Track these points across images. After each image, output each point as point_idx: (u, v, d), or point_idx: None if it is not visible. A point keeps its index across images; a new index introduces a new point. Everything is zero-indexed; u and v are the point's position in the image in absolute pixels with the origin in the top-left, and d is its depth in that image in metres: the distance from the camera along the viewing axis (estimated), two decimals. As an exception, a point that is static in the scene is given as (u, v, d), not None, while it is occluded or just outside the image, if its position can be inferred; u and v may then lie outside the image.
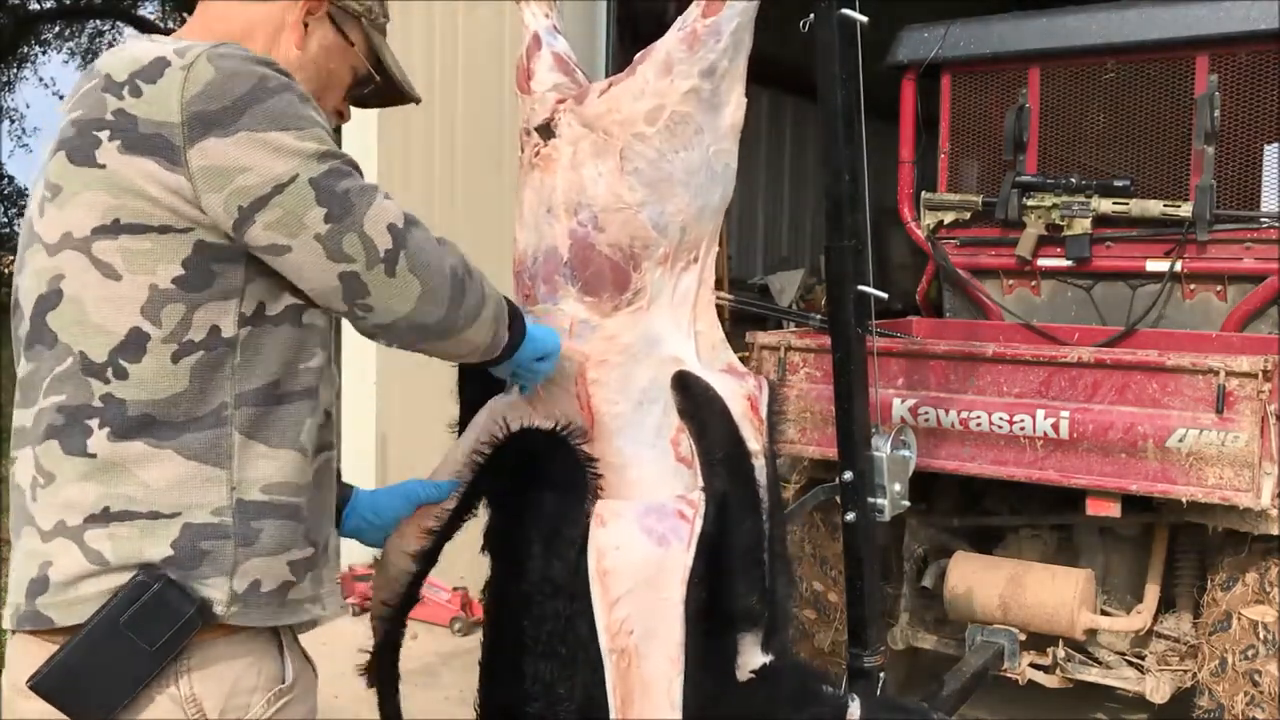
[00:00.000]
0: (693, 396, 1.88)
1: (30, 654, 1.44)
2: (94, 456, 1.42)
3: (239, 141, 1.39)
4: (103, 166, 1.41)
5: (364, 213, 1.42)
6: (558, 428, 1.85)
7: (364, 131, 5.09)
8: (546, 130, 1.95)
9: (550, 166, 1.93)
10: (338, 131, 1.74)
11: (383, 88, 1.78)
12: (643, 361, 1.90)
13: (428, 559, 1.91)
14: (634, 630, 1.75)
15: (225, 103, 1.39)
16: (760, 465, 1.91)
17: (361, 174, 1.49)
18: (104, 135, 1.41)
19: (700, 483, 1.85)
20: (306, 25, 1.63)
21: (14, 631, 1.47)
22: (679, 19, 1.89)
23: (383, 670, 2.00)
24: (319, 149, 1.42)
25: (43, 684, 1.41)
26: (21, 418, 1.49)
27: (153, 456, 1.42)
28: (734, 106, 1.92)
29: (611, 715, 1.75)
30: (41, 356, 1.46)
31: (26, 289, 1.49)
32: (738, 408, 1.90)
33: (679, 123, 1.86)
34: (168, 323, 1.42)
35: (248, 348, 1.46)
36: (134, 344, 1.42)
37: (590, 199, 1.88)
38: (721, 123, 1.91)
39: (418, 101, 1.86)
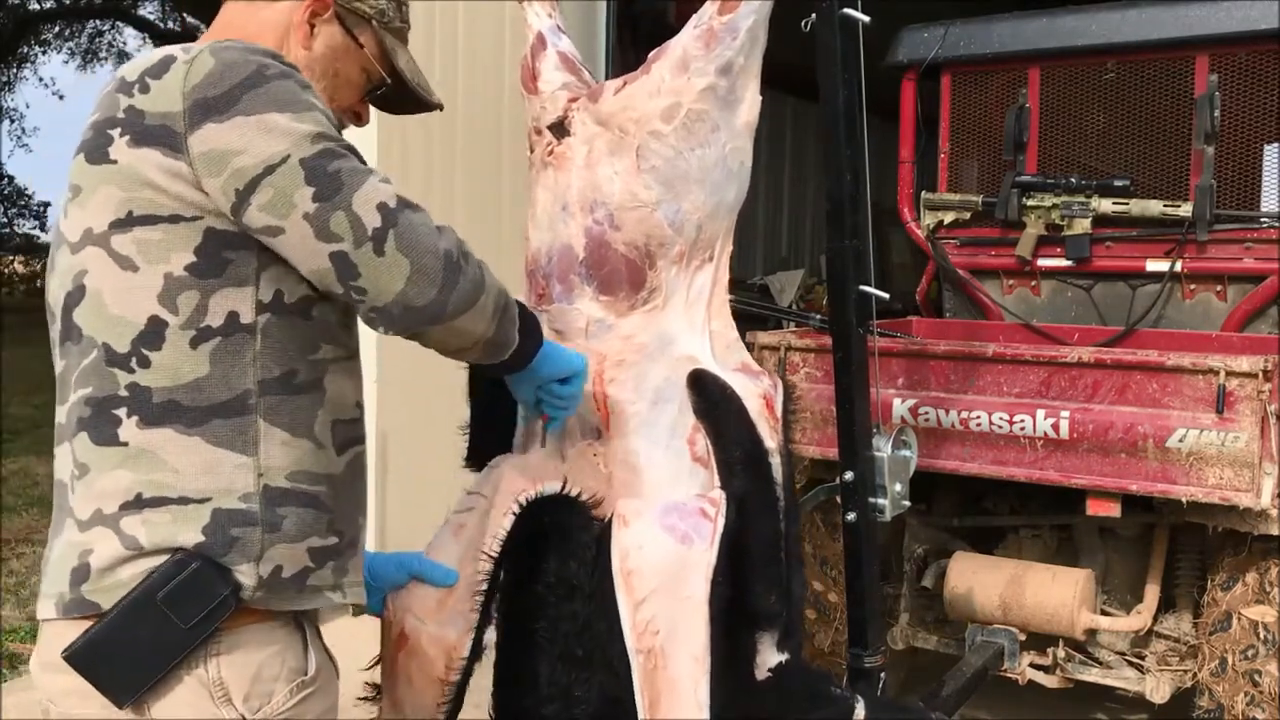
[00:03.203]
0: (709, 395, 1.88)
1: (70, 637, 1.45)
2: (126, 445, 1.45)
3: (235, 125, 1.40)
4: (115, 162, 1.44)
5: (353, 192, 1.41)
6: (564, 491, 1.83)
7: (364, 132, 5.09)
8: (560, 128, 1.95)
9: (565, 165, 1.93)
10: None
11: (398, 91, 1.78)
12: (658, 360, 1.90)
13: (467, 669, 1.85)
14: (660, 630, 1.75)
15: (223, 89, 1.41)
16: (776, 464, 1.91)
17: (361, 159, 1.48)
18: (115, 132, 1.45)
19: (718, 481, 1.85)
20: (313, 26, 1.65)
21: (58, 619, 1.48)
22: (694, 17, 1.89)
23: None
24: (313, 130, 1.43)
25: (76, 657, 1.43)
26: (59, 414, 1.54)
27: (182, 443, 1.45)
28: (749, 104, 1.92)
29: (640, 715, 1.74)
30: (70, 353, 1.51)
31: (55, 289, 1.53)
32: (753, 406, 1.90)
33: (695, 120, 1.86)
34: (184, 309, 1.44)
35: (269, 335, 1.48)
36: (153, 332, 1.45)
37: (606, 197, 1.88)
38: (737, 120, 1.91)
39: (439, 108, 1.84)
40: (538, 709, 1.85)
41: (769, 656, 1.93)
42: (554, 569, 1.84)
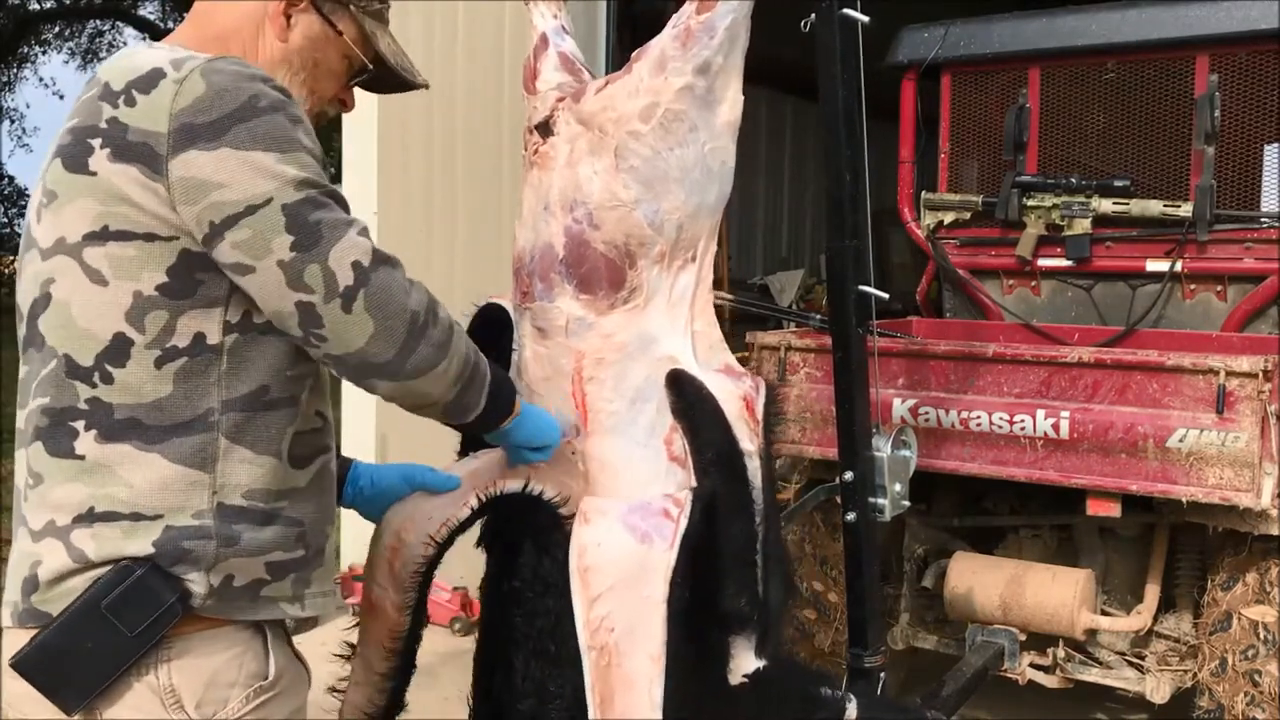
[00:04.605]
0: (686, 396, 1.87)
1: (21, 644, 1.46)
2: (82, 458, 1.45)
3: (221, 157, 1.39)
4: (94, 174, 1.43)
5: (331, 246, 1.41)
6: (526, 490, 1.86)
7: (364, 132, 5.09)
8: (546, 128, 1.95)
9: (548, 164, 1.93)
10: (338, 120, 1.74)
11: (382, 75, 1.76)
12: (638, 360, 1.89)
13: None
14: (615, 628, 1.74)
15: (212, 117, 1.40)
16: (755, 466, 1.89)
17: (344, 206, 1.48)
18: (96, 143, 1.43)
19: (692, 482, 1.84)
20: (289, 17, 1.63)
21: (14, 628, 1.49)
22: (674, 17, 1.89)
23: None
24: (299, 175, 1.42)
25: (22, 664, 1.43)
26: (19, 419, 1.53)
27: (139, 459, 1.44)
28: (730, 104, 1.91)
29: (590, 714, 1.74)
30: (33, 359, 1.50)
31: (24, 292, 1.52)
32: (732, 408, 1.89)
33: (673, 120, 1.85)
34: (151, 329, 1.44)
35: (235, 354, 1.48)
36: (118, 349, 1.44)
37: (585, 196, 1.87)
38: (717, 120, 1.90)
39: (425, 87, 1.84)
40: (514, 704, 1.85)
41: (745, 661, 1.90)
42: (529, 565, 1.85)
